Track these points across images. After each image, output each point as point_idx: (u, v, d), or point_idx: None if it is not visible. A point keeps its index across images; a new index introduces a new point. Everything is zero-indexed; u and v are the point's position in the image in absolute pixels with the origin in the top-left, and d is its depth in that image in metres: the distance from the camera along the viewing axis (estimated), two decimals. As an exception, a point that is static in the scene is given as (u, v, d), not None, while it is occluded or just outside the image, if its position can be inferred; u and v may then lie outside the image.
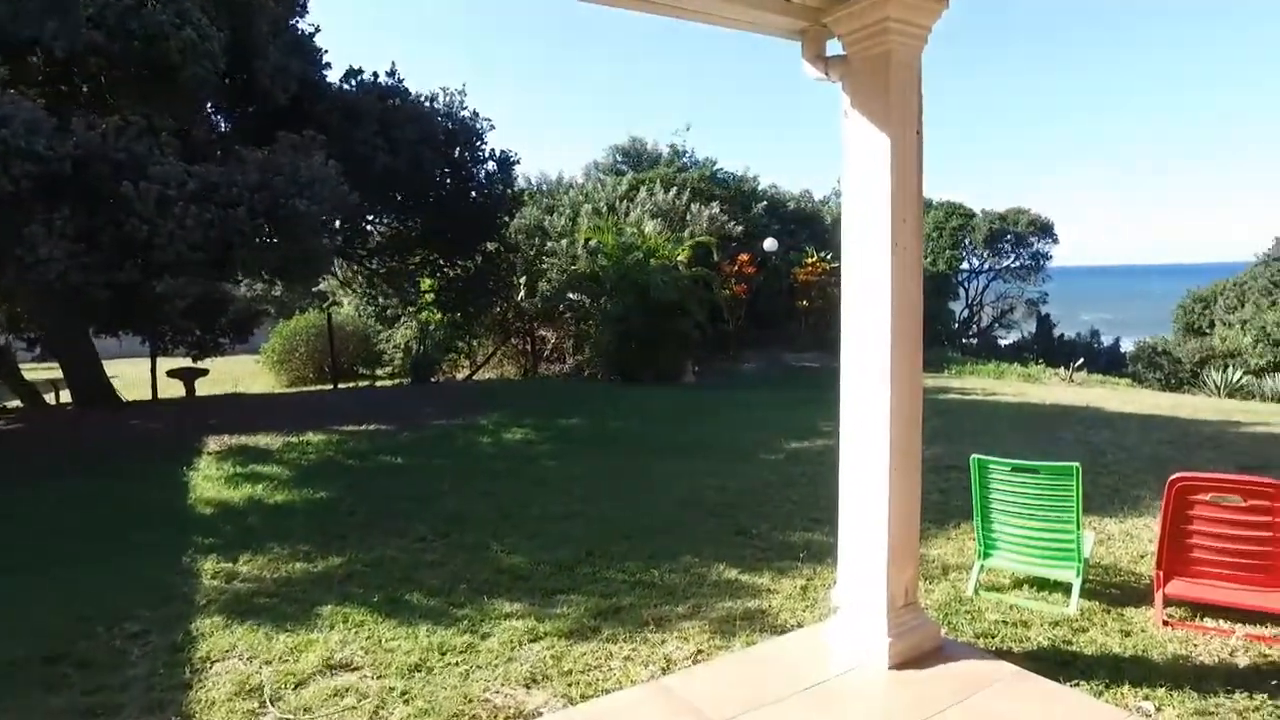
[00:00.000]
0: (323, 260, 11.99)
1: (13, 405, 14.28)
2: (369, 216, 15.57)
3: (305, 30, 13.32)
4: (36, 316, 13.72)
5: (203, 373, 16.03)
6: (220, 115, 13.03)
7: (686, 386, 16.43)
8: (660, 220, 19.41)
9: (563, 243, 18.76)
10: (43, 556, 5.82)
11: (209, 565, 5.43)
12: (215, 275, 11.36)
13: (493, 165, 15.60)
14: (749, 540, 5.91)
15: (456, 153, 15.10)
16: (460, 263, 16.73)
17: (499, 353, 20.71)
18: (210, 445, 9.32)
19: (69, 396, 13.75)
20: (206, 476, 7.92)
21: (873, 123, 3.43)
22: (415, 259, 16.70)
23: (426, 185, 14.75)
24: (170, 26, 9.09)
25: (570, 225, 19.73)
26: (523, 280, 18.84)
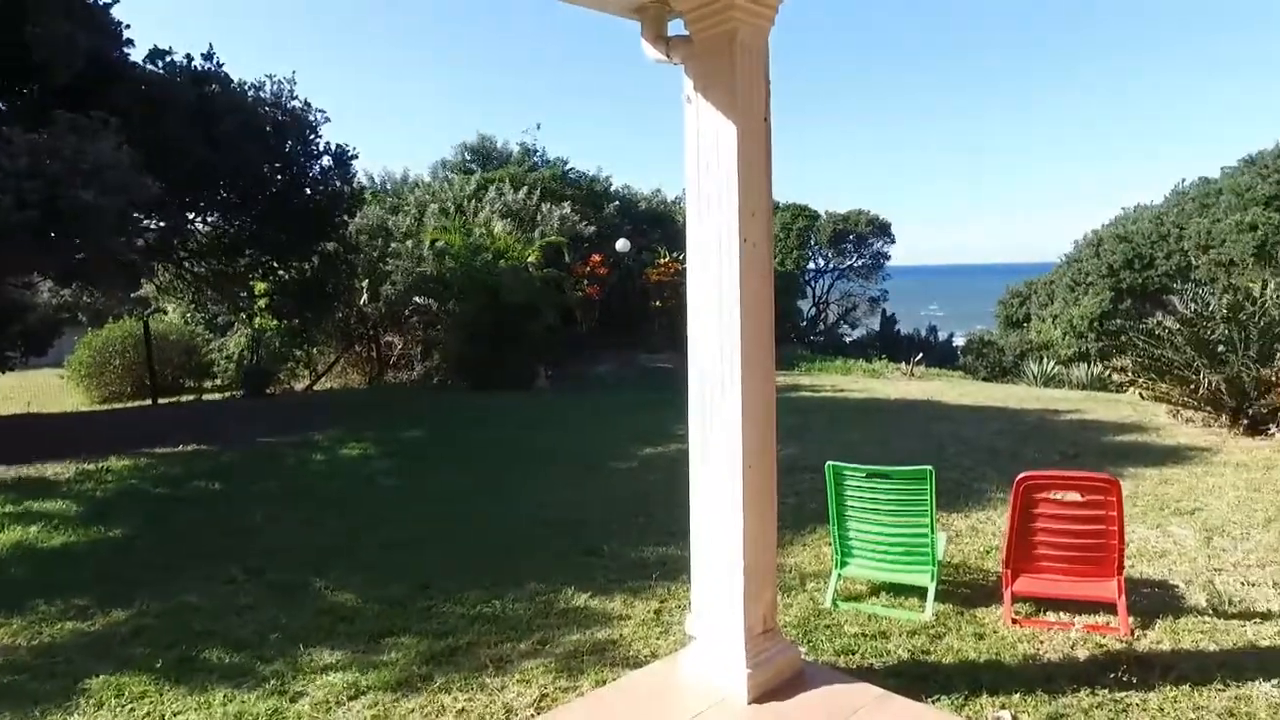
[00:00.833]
0: (125, 262, 10.63)
1: None
2: (189, 215, 14.11)
3: (98, -3, 11.77)
4: None
5: (-17, 392, 14.06)
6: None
7: (539, 391, 15.96)
8: (510, 220, 18.85)
9: (408, 244, 17.84)
10: None
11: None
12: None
13: (328, 160, 14.50)
14: (600, 559, 5.55)
15: (288, 146, 13.93)
16: (296, 265, 15.48)
17: (342, 361, 19.46)
18: (-21, 479, 8.01)
19: None
20: (-34, 518, 6.73)
21: (717, 109, 3.14)
22: (244, 261, 15.34)
23: (254, 181, 13.49)
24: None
25: (416, 225, 18.82)
26: (365, 283, 17.77)
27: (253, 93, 13.31)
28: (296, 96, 13.82)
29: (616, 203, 23.35)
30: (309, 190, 14.47)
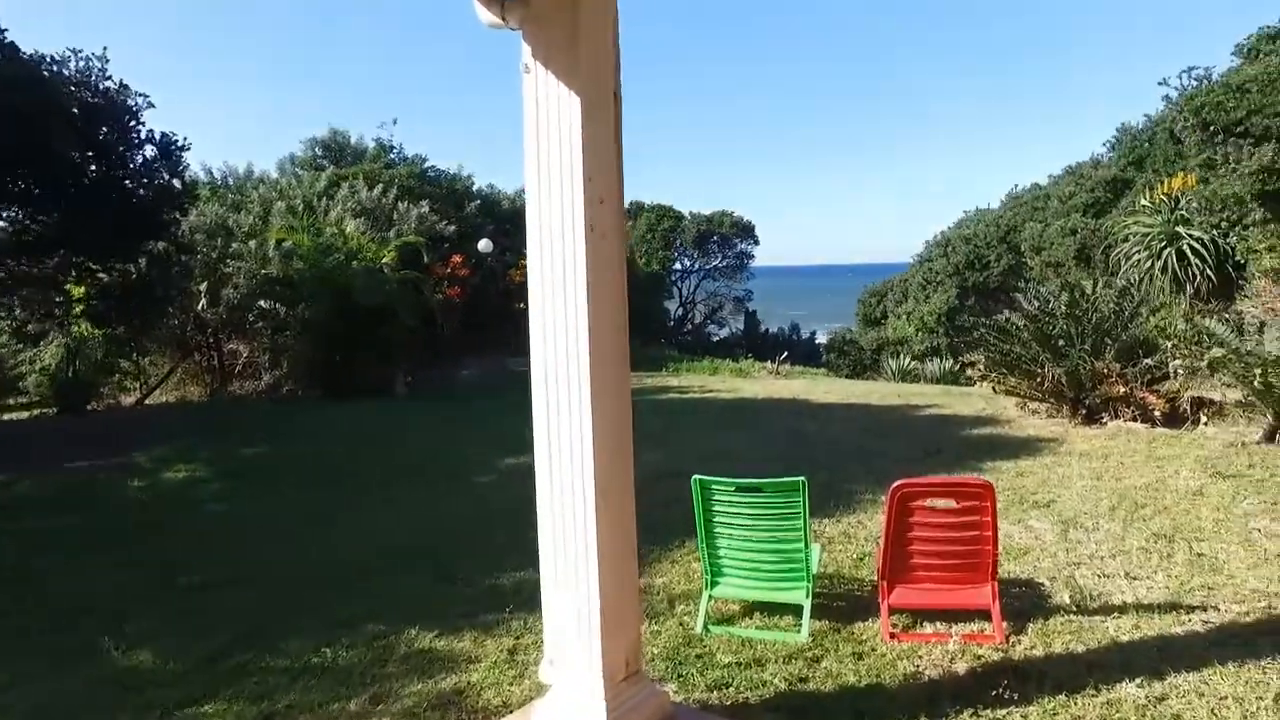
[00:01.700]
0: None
1: None
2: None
3: None
4: None
5: None
6: None
7: (398, 399, 15.07)
8: (364, 220, 17.78)
9: (251, 244, 16.45)
10: None
11: None
12: None
13: (152, 150, 13.11)
14: (452, 588, 5.01)
15: (102, 134, 12.48)
16: (119, 266, 13.95)
17: (179, 371, 17.77)
18: None
19: None
20: None
21: (559, 79, 2.70)
22: (55, 261, 13.64)
23: (59, 170, 11.99)
24: None
25: (261, 224, 17.42)
26: (204, 287, 16.28)
27: (53, 68, 11.77)
28: (110, 77, 12.40)
29: (478, 202, 22.60)
30: (130, 183, 13.04)
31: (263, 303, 15.98)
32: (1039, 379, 10.14)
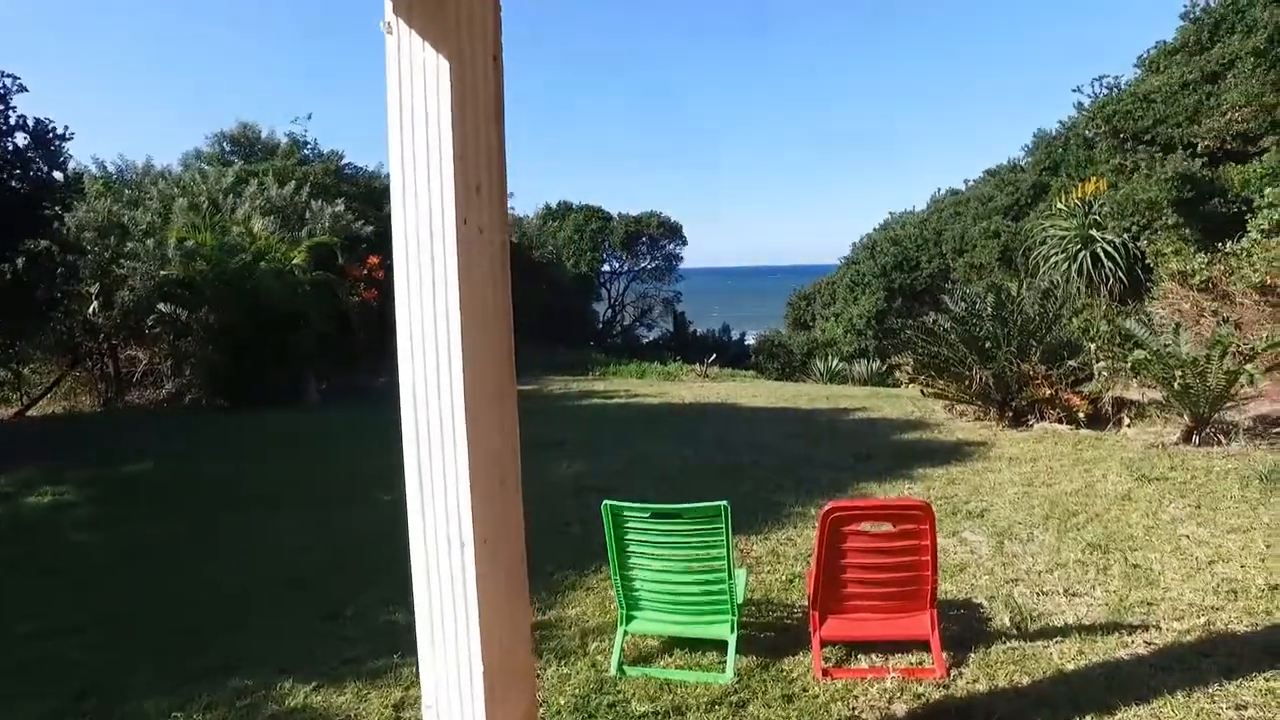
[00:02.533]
0: None
1: None
2: None
3: None
4: None
5: None
6: None
7: (309, 407, 14.23)
8: (274, 218, 16.82)
9: (149, 243, 15.33)
10: None
11: None
12: None
13: (24, 138, 11.99)
14: (339, 626, 4.46)
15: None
16: (-9, 266, 12.77)
17: (68, 380, 16.45)
18: None
19: None
20: None
21: (426, 40, 2.23)
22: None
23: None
24: None
25: (161, 222, 16.27)
26: (95, 289, 15.10)
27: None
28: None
29: (399, 200, 21.59)
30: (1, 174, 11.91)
31: (162, 306, 14.86)
32: (966, 381, 10.05)
